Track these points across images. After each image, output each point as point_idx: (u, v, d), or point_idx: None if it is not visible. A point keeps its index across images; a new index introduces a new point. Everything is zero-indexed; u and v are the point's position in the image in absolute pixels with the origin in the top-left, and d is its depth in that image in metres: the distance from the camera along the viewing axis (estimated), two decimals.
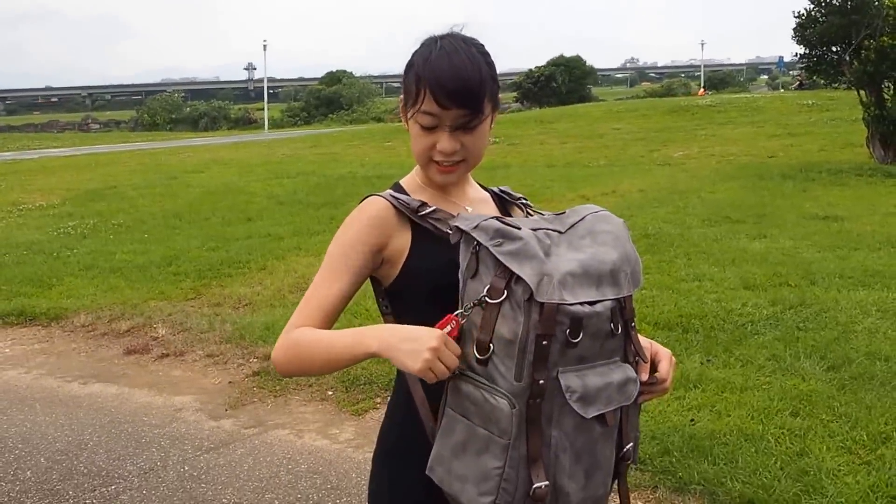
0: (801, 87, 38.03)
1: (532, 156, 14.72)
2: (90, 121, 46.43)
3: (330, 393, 3.41)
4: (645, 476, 2.52)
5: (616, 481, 1.04)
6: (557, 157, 14.10)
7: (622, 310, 0.97)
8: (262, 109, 39.19)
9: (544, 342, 0.90)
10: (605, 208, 1.09)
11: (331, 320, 1.06)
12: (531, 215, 1.15)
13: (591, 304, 0.93)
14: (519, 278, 0.91)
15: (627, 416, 1.01)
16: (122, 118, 48.24)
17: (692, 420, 2.86)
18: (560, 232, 1.00)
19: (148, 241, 7.01)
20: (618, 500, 1.06)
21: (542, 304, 0.89)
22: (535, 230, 0.97)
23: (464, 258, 0.97)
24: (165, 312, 4.69)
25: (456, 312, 0.94)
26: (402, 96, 1.10)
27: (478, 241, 0.94)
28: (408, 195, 1.10)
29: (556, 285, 0.91)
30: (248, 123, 40.84)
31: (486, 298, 0.92)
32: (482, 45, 1.07)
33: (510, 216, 1.14)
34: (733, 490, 2.35)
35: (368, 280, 1.09)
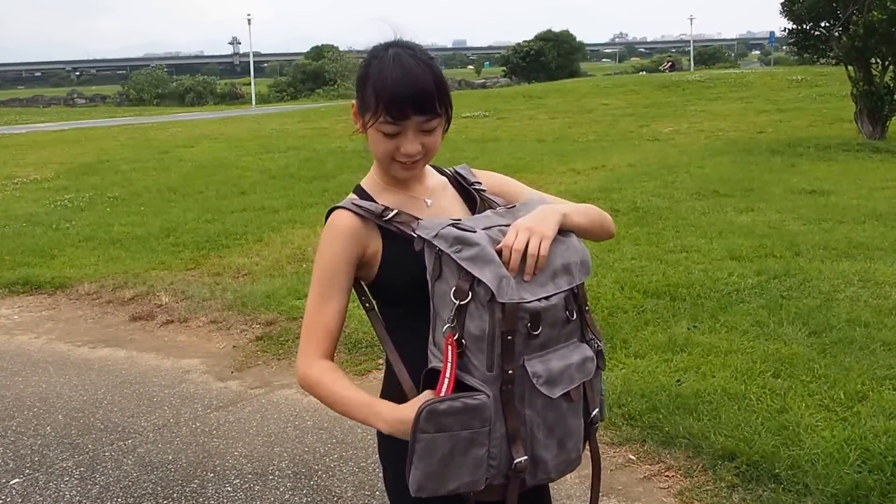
0: (672, 68, 37.08)
1: (521, 130, 14.74)
2: (76, 95, 45.53)
3: None
4: (634, 431, 2.67)
5: (587, 441, 1.16)
6: (547, 132, 14.14)
7: (576, 297, 1.09)
8: (249, 84, 38.66)
9: (509, 337, 1.00)
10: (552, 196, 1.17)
11: (337, 337, 1.18)
12: (485, 201, 1.22)
13: (547, 298, 1.03)
14: (481, 281, 1.00)
15: (591, 386, 1.13)
16: (108, 93, 47.43)
17: (678, 381, 3.00)
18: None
19: (145, 214, 7.06)
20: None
21: (503, 304, 1.00)
22: (488, 228, 1.06)
23: (429, 262, 1.06)
24: (167, 281, 4.78)
25: (445, 328, 1.03)
26: (354, 101, 1.17)
27: (440, 248, 1.03)
28: (370, 198, 1.19)
29: (514, 286, 1.01)
30: (235, 98, 40.28)
31: (455, 301, 1.01)
32: (426, 51, 1.14)
33: (469, 198, 1.24)
34: (716, 443, 2.50)
35: None
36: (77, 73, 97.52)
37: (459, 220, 1.09)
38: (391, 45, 1.14)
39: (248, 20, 38.37)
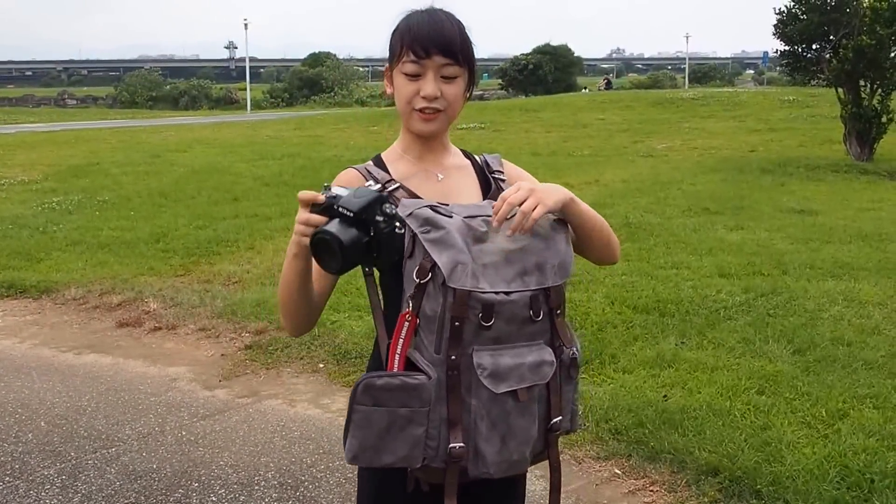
0: (607, 86, 36.90)
1: (517, 143, 14.83)
2: (66, 96, 45.36)
3: (321, 365, 3.53)
4: (620, 445, 2.69)
5: (548, 449, 1.14)
6: (542, 146, 14.23)
7: (547, 298, 1.07)
8: (244, 89, 38.68)
9: (457, 323, 1.02)
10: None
11: (329, 281, 1.21)
12: (500, 189, 1.22)
13: (507, 293, 1.03)
14: None
15: (557, 392, 1.11)
16: (99, 94, 47.35)
17: (665, 396, 3.03)
18: (505, 217, 1.09)
19: (134, 219, 7.01)
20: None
21: (454, 289, 1.01)
22: (472, 217, 1.08)
23: (406, 239, 1.08)
24: (156, 287, 4.75)
25: (403, 311, 1.06)
26: (386, 66, 1.22)
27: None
28: (384, 167, 1.22)
29: (469, 273, 1.02)
30: (230, 103, 40.31)
31: (416, 279, 1.04)
32: (458, 20, 1.20)
33: (487, 184, 1.25)
34: (700, 458, 2.52)
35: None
36: (68, 74, 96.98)
37: (447, 204, 1.10)
38: (427, 8, 1.20)
39: (245, 25, 38.43)
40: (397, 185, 1.18)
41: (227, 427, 2.96)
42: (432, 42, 1.14)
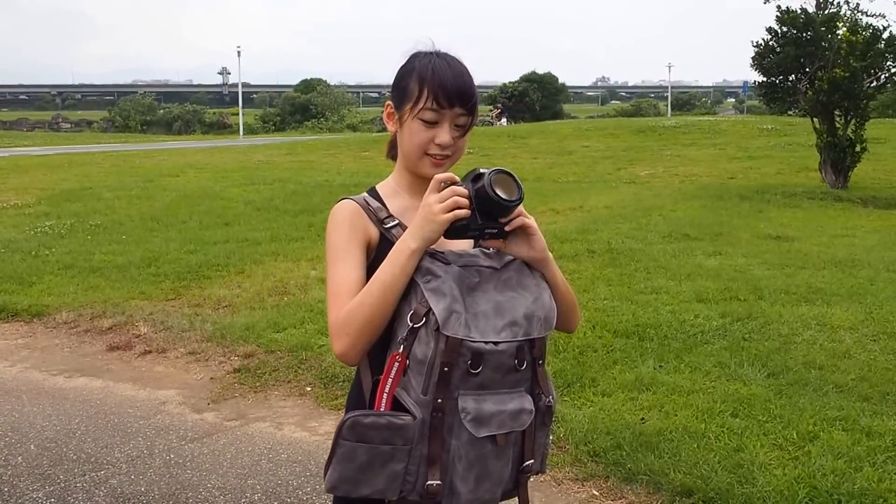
0: (501, 115, 37.09)
1: None
2: (61, 120, 45.57)
3: (308, 389, 3.60)
4: (598, 467, 2.76)
5: (518, 489, 1.20)
6: (528, 172, 14.44)
7: (531, 349, 1.13)
8: (237, 114, 38.96)
9: (446, 368, 1.06)
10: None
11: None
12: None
13: (496, 343, 1.08)
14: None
15: (533, 437, 1.17)
16: (93, 118, 47.52)
17: (643, 419, 3.12)
18: (495, 268, 1.15)
19: (126, 243, 7.06)
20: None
21: (447, 336, 1.06)
22: (466, 267, 1.12)
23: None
24: (146, 311, 4.80)
25: (393, 351, 1.10)
26: (389, 102, 1.24)
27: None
28: (381, 200, 1.24)
29: (463, 322, 1.06)
30: (223, 128, 40.61)
31: (410, 323, 1.09)
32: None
33: None
34: (675, 480, 2.60)
35: None
36: (62, 98, 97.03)
37: (443, 252, 1.14)
38: (434, 51, 1.22)
39: (238, 52, 38.91)
40: (396, 221, 1.21)
41: (215, 450, 3.01)
42: (456, 94, 1.17)
